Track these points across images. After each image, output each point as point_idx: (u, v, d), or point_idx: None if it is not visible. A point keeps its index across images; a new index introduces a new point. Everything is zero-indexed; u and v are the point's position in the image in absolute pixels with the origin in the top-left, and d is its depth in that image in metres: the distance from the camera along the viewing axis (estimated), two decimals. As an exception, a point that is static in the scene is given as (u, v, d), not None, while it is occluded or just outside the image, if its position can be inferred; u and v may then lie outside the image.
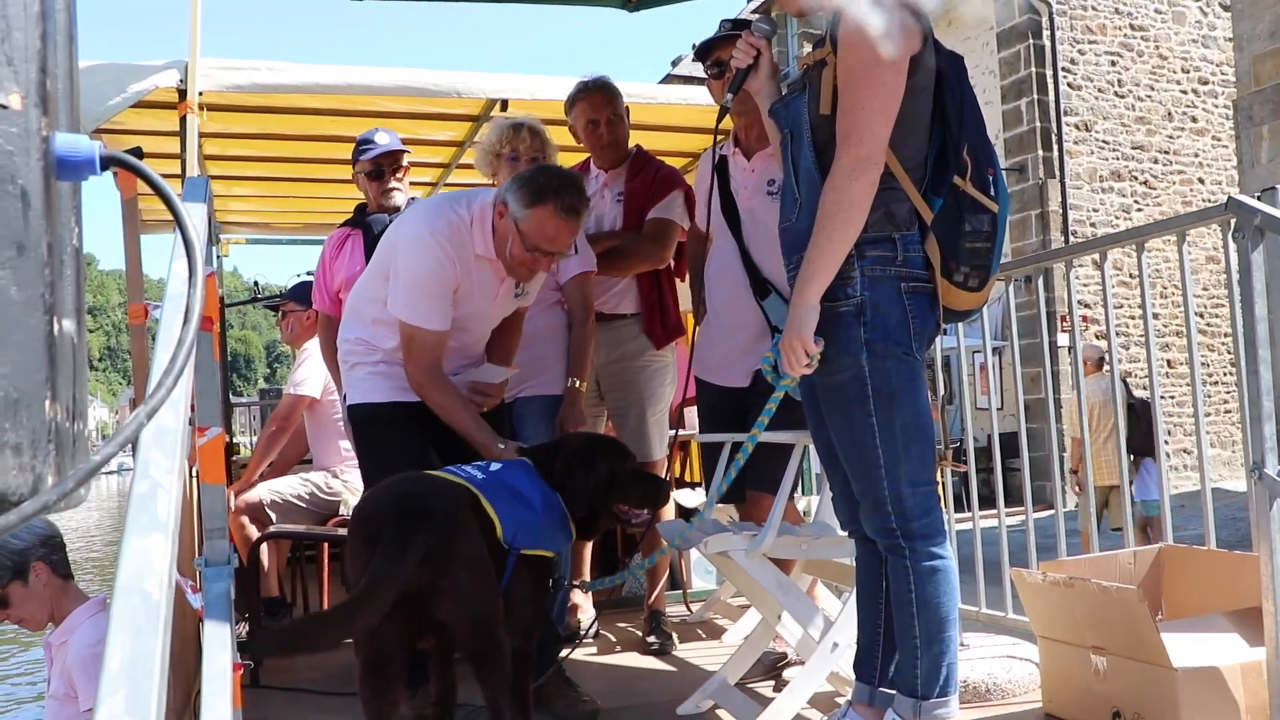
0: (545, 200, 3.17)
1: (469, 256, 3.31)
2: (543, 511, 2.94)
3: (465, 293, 3.34)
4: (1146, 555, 3.32)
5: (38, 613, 3.58)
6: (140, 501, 0.90)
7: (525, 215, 3.19)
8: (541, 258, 3.26)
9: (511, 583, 2.84)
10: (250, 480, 5.05)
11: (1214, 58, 18.11)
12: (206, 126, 4.34)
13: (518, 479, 3.02)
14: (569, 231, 3.25)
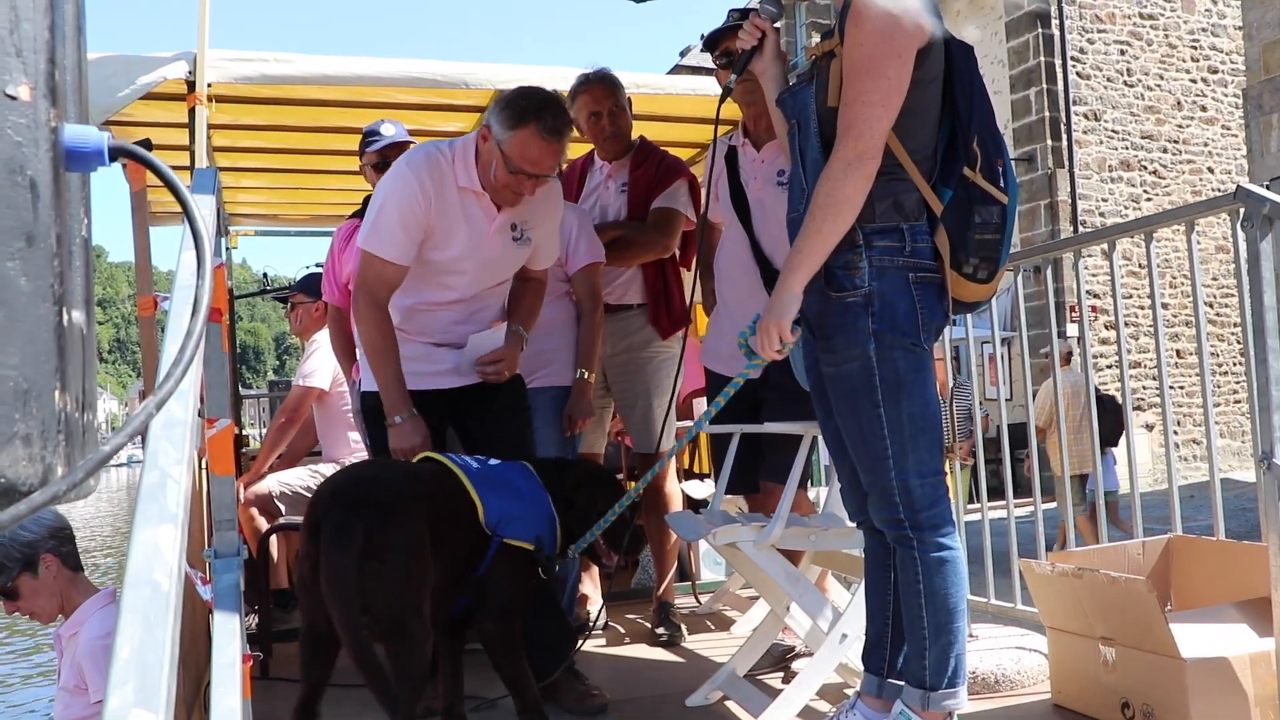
0: (528, 121, 3.15)
1: (450, 190, 3.28)
2: (531, 506, 3.00)
3: (447, 230, 3.29)
4: (1155, 546, 3.31)
5: (48, 605, 3.59)
6: (150, 492, 0.90)
7: (508, 137, 3.17)
8: (525, 180, 3.22)
9: (492, 568, 2.91)
10: (259, 472, 5.06)
11: (1224, 46, 18.03)
12: (215, 118, 4.33)
13: (514, 473, 3.09)
14: (552, 153, 3.22)
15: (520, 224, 3.43)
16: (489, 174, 3.25)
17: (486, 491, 2.96)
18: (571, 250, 4.10)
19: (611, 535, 3.17)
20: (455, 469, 2.98)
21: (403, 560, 2.69)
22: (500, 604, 2.98)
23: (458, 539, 2.92)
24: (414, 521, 2.75)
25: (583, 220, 4.17)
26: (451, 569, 2.91)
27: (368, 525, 2.66)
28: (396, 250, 3.25)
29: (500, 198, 3.32)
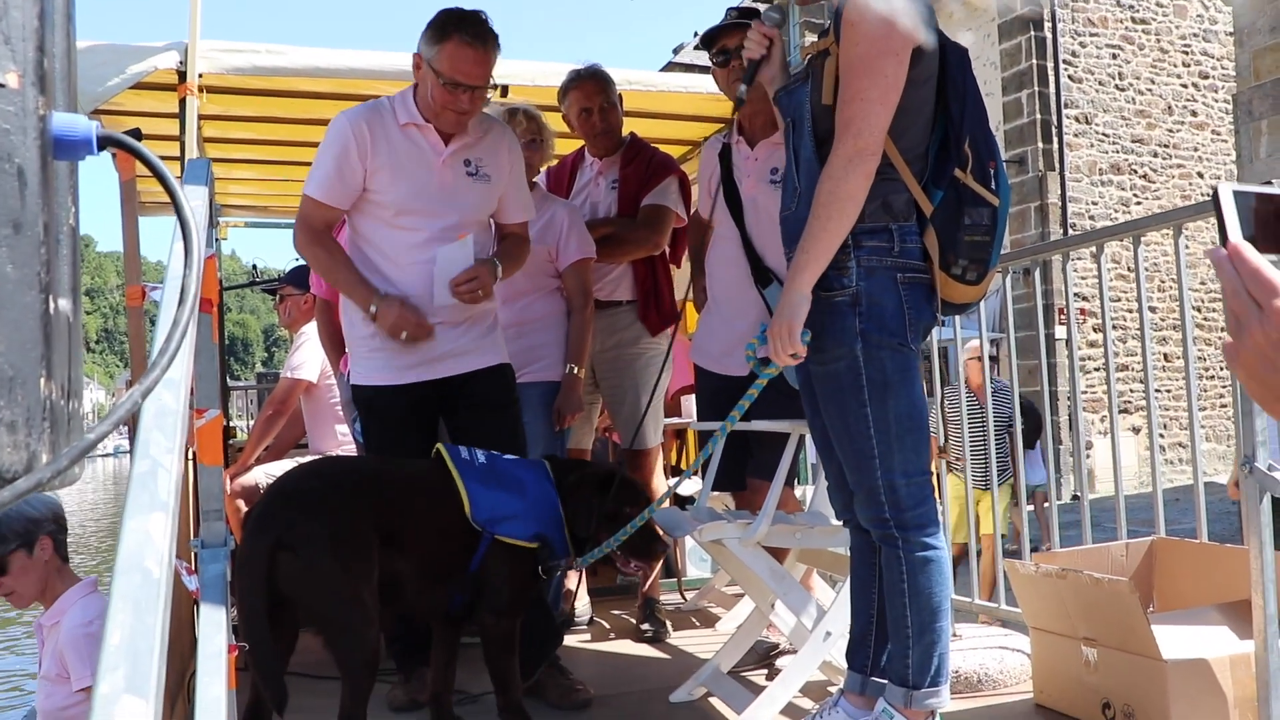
0: (449, 34, 3.25)
1: (393, 130, 3.36)
2: (533, 504, 2.99)
3: (394, 168, 3.34)
4: (1139, 548, 3.33)
5: (31, 588, 3.59)
6: (141, 480, 0.90)
7: (435, 53, 3.26)
8: (462, 94, 3.28)
9: (486, 565, 2.91)
10: (246, 463, 5.05)
11: (1215, 52, 18.09)
12: (206, 109, 4.32)
13: (524, 471, 3.09)
14: (479, 60, 3.28)
15: (475, 160, 3.46)
16: (428, 99, 3.33)
17: (479, 488, 2.96)
18: (563, 246, 4.10)
19: (631, 543, 3.14)
20: (449, 464, 2.99)
21: (324, 551, 2.71)
22: (498, 601, 2.98)
23: (437, 533, 2.92)
24: (344, 514, 2.76)
25: (574, 216, 4.17)
26: (431, 563, 2.91)
27: (288, 517, 2.71)
28: (327, 190, 3.35)
29: (444, 122, 3.37)
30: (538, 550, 2.98)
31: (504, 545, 2.94)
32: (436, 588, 2.95)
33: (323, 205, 3.37)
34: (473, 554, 2.94)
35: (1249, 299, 0.93)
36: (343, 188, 3.35)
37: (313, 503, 2.76)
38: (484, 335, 3.51)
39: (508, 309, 4.08)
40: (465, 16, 3.28)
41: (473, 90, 3.30)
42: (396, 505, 2.88)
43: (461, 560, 2.94)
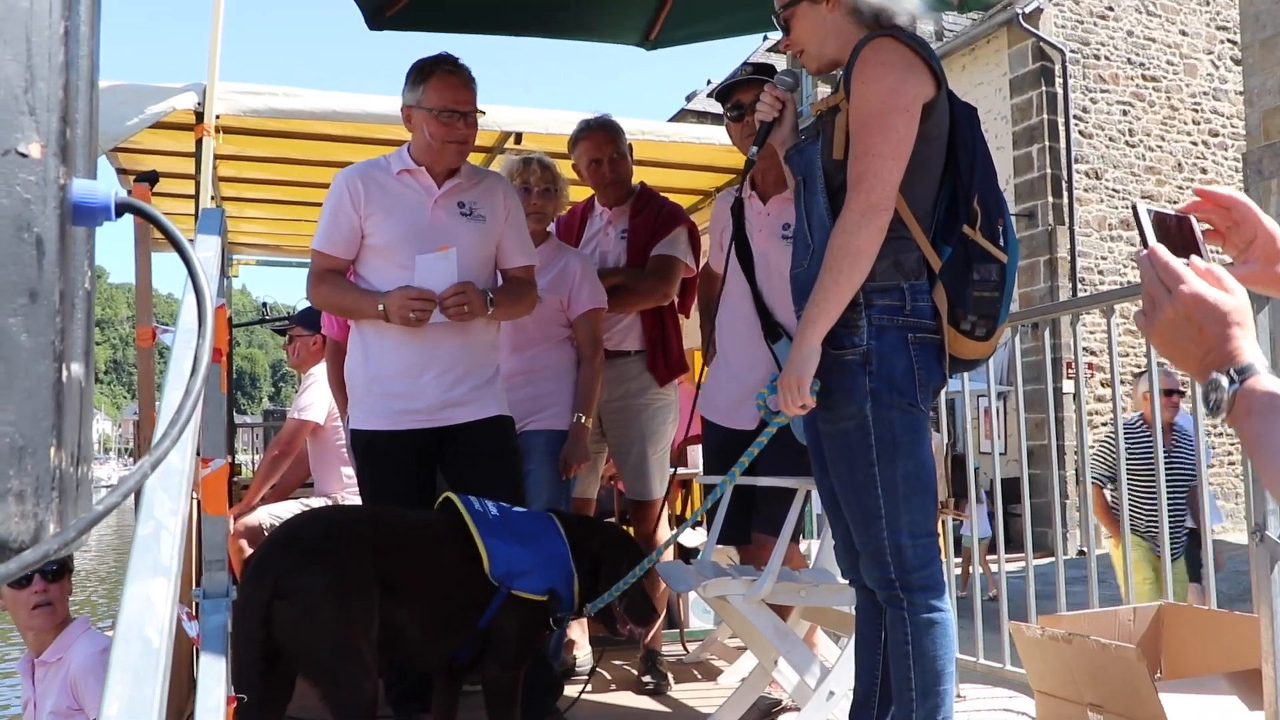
0: (429, 73, 3.39)
1: (387, 179, 3.48)
2: (545, 558, 2.99)
3: (386, 211, 3.43)
4: (1146, 613, 3.30)
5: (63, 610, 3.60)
6: (143, 544, 0.89)
7: (421, 94, 3.40)
8: (457, 121, 3.40)
9: (498, 619, 2.89)
10: (250, 504, 5.04)
11: (1225, 110, 18.17)
12: (222, 149, 4.36)
13: (534, 524, 3.09)
14: (464, 87, 3.42)
15: (469, 202, 3.52)
16: (425, 140, 3.43)
17: (497, 543, 2.95)
18: (574, 295, 4.11)
19: (629, 605, 3.17)
20: (466, 518, 2.98)
21: (321, 601, 2.69)
22: (506, 654, 2.97)
23: (445, 585, 2.91)
24: (345, 564, 2.75)
25: (586, 265, 4.18)
26: (438, 615, 2.89)
27: (285, 565, 2.69)
28: (328, 241, 3.48)
29: (447, 156, 3.46)
30: (547, 603, 2.97)
31: (516, 599, 2.93)
32: (443, 640, 2.93)
33: (328, 256, 3.49)
34: (483, 606, 2.92)
35: (1162, 286, 1.25)
36: (341, 238, 3.46)
37: (311, 551, 2.74)
38: (483, 386, 3.51)
39: (518, 357, 4.09)
40: (437, 57, 3.43)
41: (465, 116, 3.41)
42: (401, 555, 2.87)
43: (471, 612, 2.93)
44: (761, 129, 2.89)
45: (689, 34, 4.51)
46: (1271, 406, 1.13)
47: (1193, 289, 1.22)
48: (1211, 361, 1.21)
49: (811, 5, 2.70)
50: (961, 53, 17.91)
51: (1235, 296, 1.22)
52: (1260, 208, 1.41)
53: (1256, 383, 1.16)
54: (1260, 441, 1.14)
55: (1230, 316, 1.21)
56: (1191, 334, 1.22)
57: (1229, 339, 1.20)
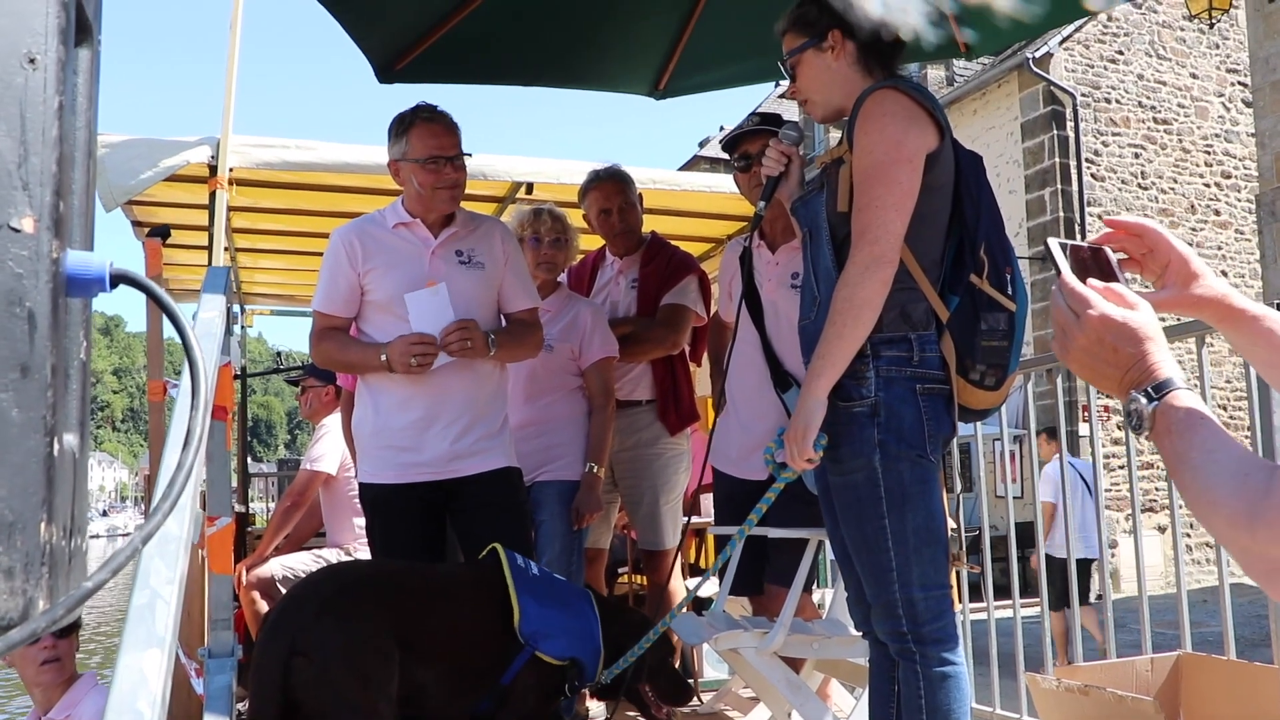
0: (409, 124, 3.39)
1: (383, 233, 3.48)
2: (576, 627, 2.99)
3: (385, 266, 3.43)
4: (1164, 663, 3.26)
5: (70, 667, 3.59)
6: (138, 614, 0.89)
7: (405, 145, 3.40)
8: (444, 167, 3.39)
9: (520, 677, 2.87)
10: (263, 555, 5.04)
11: (1237, 152, 18.18)
12: (236, 201, 4.40)
13: (571, 594, 3.09)
14: (448, 132, 3.41)
15: (466, 250, 3.51)
16: (415, 190, 3.43)
17: (530, 600, 2.95)
18: (585, 344, 4.11)
19: (656, 678, 3.17)
20: (506, 572, 2.98)
21: (339, 658, 2.67)
22: (523, 712, 2.94)
23: (470, 642, 2.89)
24: (363, 621, 2.73)
25: (597, 314, 4.18)
26: (459, 672, 2.87)
27: (303, 622, 2.67)
28: (329, 301, 3.48)
29: (438, 203, 3.45)
30: (567, 669, 2.96)
31: (538, 660, 2.91)
32: (463, 696, 2.91)
33: (328, 316, 3.49)
34: (504, 664, 2.90)
35: (1070, 313, 1.27)
36: (341, 296, 3.47)
37: (330, 607, 2.72)
38: (492, 438, 3.51)
39: (530, 407, 4.08)
40: (415, 107, 3.44)
41: (452, 160, 3.41)
42: (422, 611, 2.84)
43: (492, 670, 2.90)
44: (768, 184, 2.90)
45: (697, 83, 4.53)
46: (1189, 423, 1.14)
47: (1099, 311, 1.24)
48: (1130, 380, 1.22)
49: (817, 54, 2.71)
50: (973, 97, 17.99)
51: (1141, 313, 1.25)
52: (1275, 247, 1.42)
53: (1175, 399, 1.17)
54: (1181, 459, 1.13)
55: (1140, 332, 1.23)
56: (1106, 355, 1.24)
57: (1144, 355, 1.21)
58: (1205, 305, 1.42)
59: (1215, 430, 1.12)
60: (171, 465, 0.91)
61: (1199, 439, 1.12)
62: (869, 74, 2.70)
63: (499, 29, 3.99)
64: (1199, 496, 1.09)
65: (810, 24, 2.72)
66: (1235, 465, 1.07)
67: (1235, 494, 1.04)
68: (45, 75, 0.75)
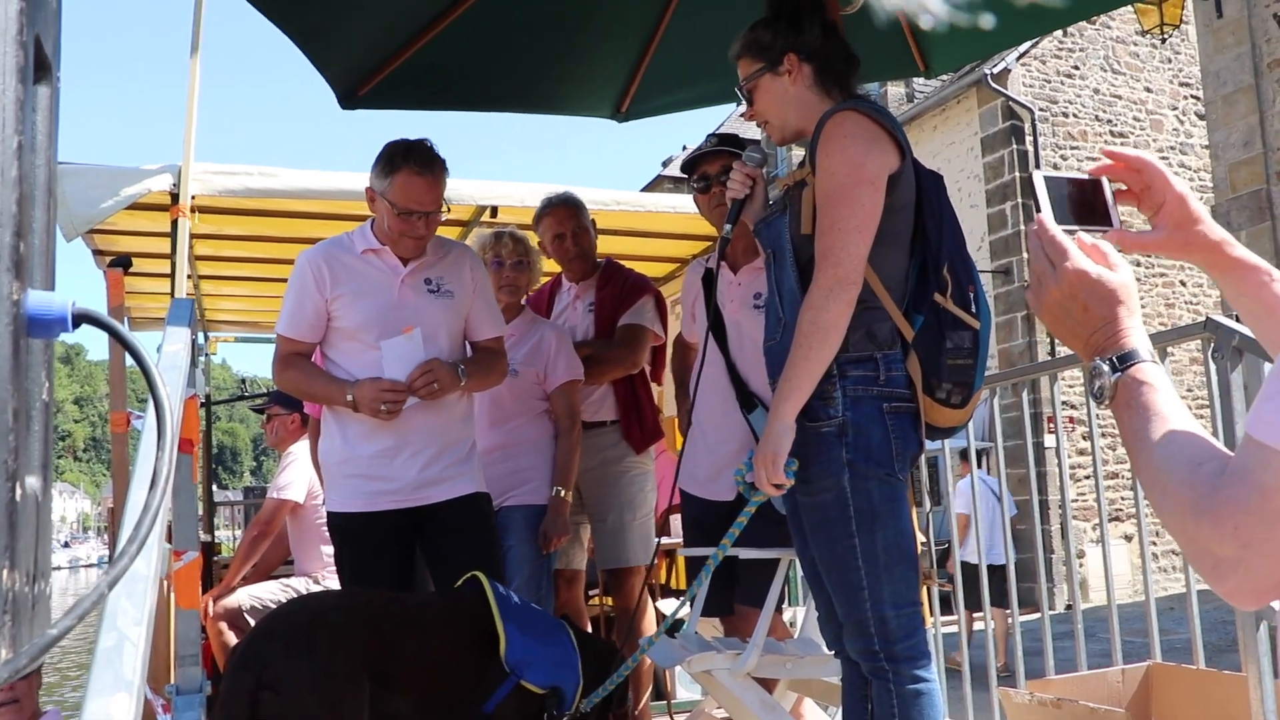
0: (398, 166, 3.35)
1: (350, 259, 3.45)
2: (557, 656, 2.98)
3: (354, 293, 3.40)
4: (1135, 674, 3.28)
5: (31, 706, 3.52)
6: (105, 657, 0.87)
7: (387, 185, 3.36)
8: (417, 220, 3.37)
9: (503, 706, 2.85)
10: (230, 585, 4.99)
11: (1192, 164, 18.43)
12: (198, 228, 4.37)
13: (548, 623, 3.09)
14: (429, 188, 3.38)
15: (435, 278, 3.51)
16: (384, 227, 3.42)
17: (514, 629, 2.94)
18: (550, 367, 4.11)
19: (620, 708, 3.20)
20: (491, 600, 2.96)
21: (307, 692, 2.64)
22: None
23: (447, 671, 2.87)
24: (333, 653, 2.70)
25: (561, 338, 4.18)
26: (436, 702, 2.84)
27: (271, 654, 2.64)
28: (294, 326, 3.45)
29: (403, 248, 3.44)
30: (546, 698, 2.94)
31: (521, 689, 2.90)
32: None
33: (293, 341, 3.45)
34: (486, 693, 2.88)
35: (1048, 262, 1.24)
36: (307, 321, 3.43)
37: (298, 639, 2.69)
38: (460, 463, 3.50)
39: (495, 432, 4.07)
40: (411, 147, 3.39)
41: (427, 215, 3.40)
42: (395, 642, 2.81)
43: (472, 699, 2.88)
44: (734, 206, 2.91)
45: (659, 105, 4.55)
46: (1149, 400, 1.11)
47: (1076, 265, 1.21)
48: (1096, 343, 1.19)
49: (774, 78, 2.73)
50: (933, 113, 18.14)
51: (1119, 274, 1.21)
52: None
53: (1139, 372, 1.14)
54: (1138, 436, 1.10)
55: (1115, 295, 1.19)
56: (1076, 313, 1.21)
57: (1114, 320, 1.18)
58: (1198, 249, 1.38)
59: (1175, 410, 1.10)
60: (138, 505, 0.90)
61: (1157, 418, 1.09)
62: (827, 95, 2.71)
63: (461, 55, 3.99)
64: (1151, 479, 1.06)
65: (764, 49, 2.74)
66: (1190, 451, 1.04)
67: (1185, 483, 1.02)
68: (4, 115, 0.74)
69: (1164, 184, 1.38)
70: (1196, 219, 1.37)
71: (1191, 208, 1.37)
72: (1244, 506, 0.95)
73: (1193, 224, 1.37)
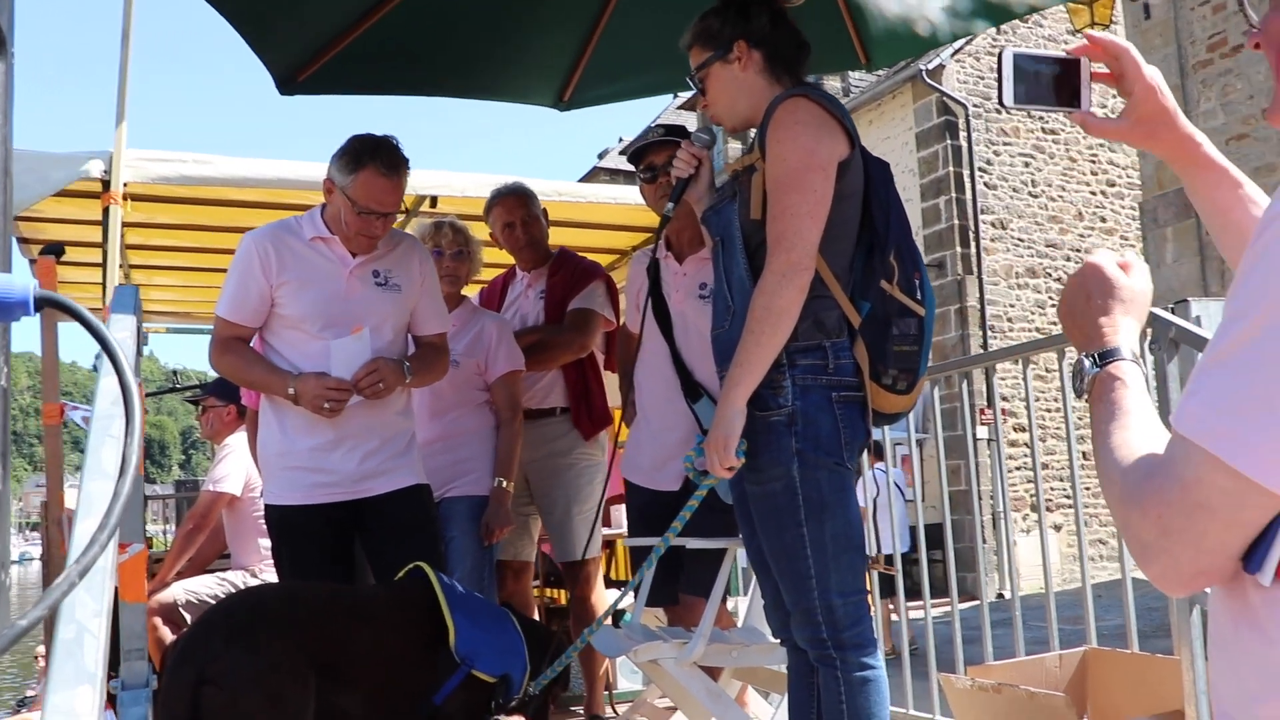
0: (364, 164, 3.28)
1: (298, 245, 3.39)
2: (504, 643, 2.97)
3: (300, 281, 3.35)
4: (1072, 659, 3.34)
5: None
6: (66, 649, 0.85)
7: (349, 181, 3.29)
8: (374, 220, 3.33)
9: (453, 697, 2.84)
10: (165, 580, 4.90)
11: (1120, 161, 18.78)
12: (130, 216, 4.27)
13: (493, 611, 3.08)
14: (392, 189, 3.33)
15: (384, 271, 3.46)
16: (339, 224, 3.36)
17: (464, 619, 2.91)
18: (491, 358, 4.09)
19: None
20: (438, 591, 2.94)
21: (250, 686, 2.60)
22: None
23: (395, 663, 2.84)
24: (276, 646, 2.66)
25: (502, 328, 4.16)
26: (385, 695, 2.82)
27: (212, 648, 2.60)
28: (236, 309, 3.37)
29: (355, 245, 3.40)
30: (495, 686, 2.93)
31: (472, 678, 2.88)
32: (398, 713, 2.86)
33: (233, 324, 3.38)
34: (435, 684, 2.86)
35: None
36: (250, 305, 3.36)
37: (240, 633, 2.65)
38: (399, 456, 3.47)
39: (436, 423, 4.05)
40: (379, 145, 3.33)
41: (385, 216, 3.35)
42: (341, 634, 2.78)
43: (421, 690, 2.86)
44: (677, 185, 2.91)
45: (601, 95, 4.53)
46: (1116, 396, 1.14)
47: (1096, 260, 1.25)
48: (1085, 337, 1.22)
49: (724, 65, 2.73)
50: (869, 107, 18.30)
51: (1133, 279, 1.24)
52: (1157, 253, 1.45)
53: (1115, 369, 1.17)
54: (1099, 428, 1.13)
55: (1119, 293, 1.22)
56: (1080, 305, 1.24)
57: (1109, 319, 1.21)
58: (1165, 143, 1.42)
59: (1139, 407, 1.13)
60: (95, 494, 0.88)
61: (1121, 413, 1.13)
62: (777, 82, 2.72)
63: (403, 40, 3.93)
64: (1101, 469, 1.09)
65: (714, 36, 2.74)
66: (1138, 444, 1.07)
67: (1123, 472, 1.05)
68: (-38, 90, 0.72)
69: (1136, 73, 1.41)
70: (1167, 112, 1.40)
71: (1163, 102, 1.40)
72: (1166, 498, 0.98)
73: (1161, 117, 1.41)
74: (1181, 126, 1.41)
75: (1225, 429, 0.93)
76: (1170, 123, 1.41)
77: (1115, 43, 1.43)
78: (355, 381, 3.28)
